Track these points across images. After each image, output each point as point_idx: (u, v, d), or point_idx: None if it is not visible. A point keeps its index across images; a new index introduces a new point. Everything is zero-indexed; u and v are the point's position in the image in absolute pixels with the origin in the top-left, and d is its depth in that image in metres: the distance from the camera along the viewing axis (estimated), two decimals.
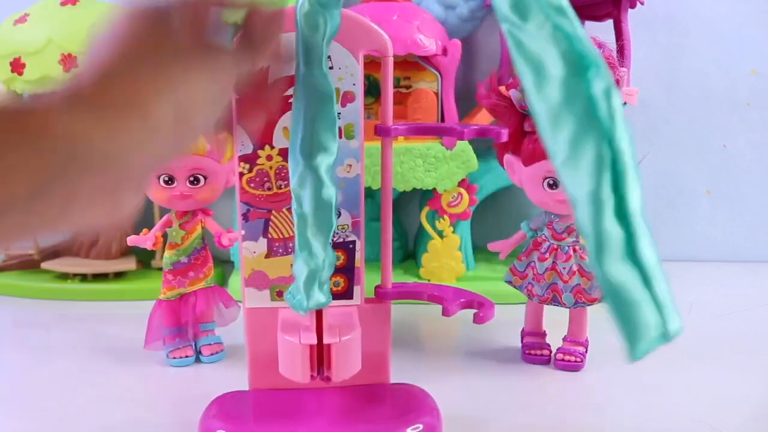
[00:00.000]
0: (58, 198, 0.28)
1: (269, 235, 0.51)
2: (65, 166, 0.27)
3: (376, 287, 0.53)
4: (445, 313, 0.52)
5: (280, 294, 0.52)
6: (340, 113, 0.48)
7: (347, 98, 0.48)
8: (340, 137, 0.48)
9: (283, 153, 0.49)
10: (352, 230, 0.51)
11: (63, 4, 0.80)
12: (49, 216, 0.28)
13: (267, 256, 0.51)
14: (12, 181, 0.26)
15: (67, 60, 0.77)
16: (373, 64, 0.67)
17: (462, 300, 0.53)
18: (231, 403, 0.52)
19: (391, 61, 0.48)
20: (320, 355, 0.48)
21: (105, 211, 0.30)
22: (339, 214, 0.50)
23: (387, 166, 0.51)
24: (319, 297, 0.45)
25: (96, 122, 0.28)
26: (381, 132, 0.50)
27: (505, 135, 0.51)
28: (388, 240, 0.52)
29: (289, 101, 0.44)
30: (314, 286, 0.45)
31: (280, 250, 0.51)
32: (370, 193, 0.82)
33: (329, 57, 0.45)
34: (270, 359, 0.50)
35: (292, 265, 0.46)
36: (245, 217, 0.50)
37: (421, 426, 0.49)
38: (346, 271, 0.52)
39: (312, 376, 0.48)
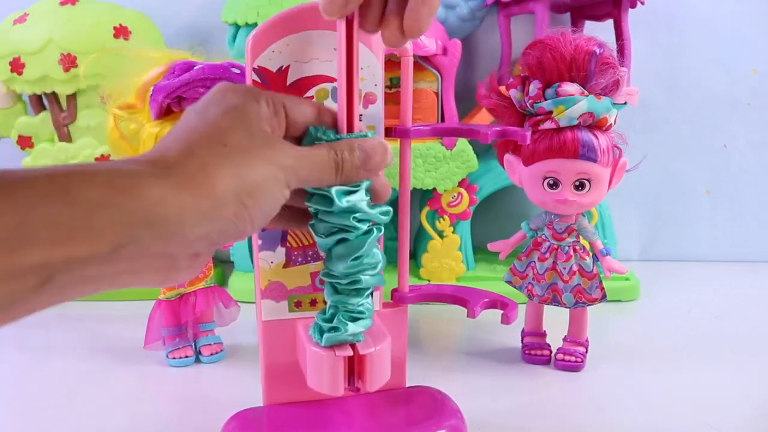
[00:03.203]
0: (125, 259, 0.29)
1: (288, 244, 0.48)
2: (141, 228, 0.29)
3: (393, 291, 0.52)
4: (471, 314, 0.51)
5: (298, 304, 0.49)
6: (362, 115, 0.45)
7: (369, 100, 0.46)
8: None
9: None
10: None
11: (62, 3, 0.80)
12: (113, 276, 0.29)
13: (285, 265, 0.48)
14: (97, 236, 0.27)
15: (67, 59, 0.78)
16: None
17: (485, 300, 0.52)
18: (250, 420, 0.49)
19: (410, 60, 0.46)
20: (350, 365, 0.45)
21: (159, 276, 0.32)
22: None
23: (405, 168, 0.49)
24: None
25: (171, 189, 0.30)
26: (400, 134, 0.47)
27: (528, 137, 0.50)
28: (405, 243, 0.50)
29: None
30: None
31: (299, 259, 0.48)
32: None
33: None
34: (287, 372, 0.48)
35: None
36: None
37: (446, 430, 0.48)
38: None
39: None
